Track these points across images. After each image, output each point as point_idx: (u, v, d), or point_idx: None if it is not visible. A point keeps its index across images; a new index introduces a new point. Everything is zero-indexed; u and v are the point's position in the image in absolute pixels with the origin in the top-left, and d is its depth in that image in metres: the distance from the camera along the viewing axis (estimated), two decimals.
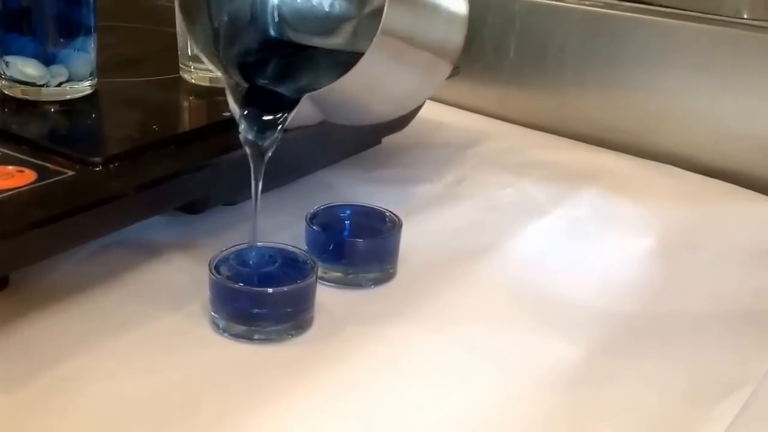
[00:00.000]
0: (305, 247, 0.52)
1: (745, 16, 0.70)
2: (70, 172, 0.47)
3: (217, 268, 0.46)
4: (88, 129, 0.56)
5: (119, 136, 0.54)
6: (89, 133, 0.55)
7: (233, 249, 0.48)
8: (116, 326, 0.46)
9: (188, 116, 0.60)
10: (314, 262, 0.48)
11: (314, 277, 0.47)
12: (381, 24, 0.47)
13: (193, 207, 0.54)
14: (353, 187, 0.64)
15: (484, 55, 0.79)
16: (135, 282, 0.50)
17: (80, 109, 0.56)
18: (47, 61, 0.55)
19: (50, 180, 0.46)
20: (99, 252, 0.52)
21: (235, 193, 0.57)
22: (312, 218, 0.53)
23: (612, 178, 0.69)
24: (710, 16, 0.70)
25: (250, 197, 0.55)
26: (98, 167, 0.48)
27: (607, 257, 0.57)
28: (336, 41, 0.60)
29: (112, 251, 0.52)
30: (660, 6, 0.72)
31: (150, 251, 0.53)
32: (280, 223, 0.57)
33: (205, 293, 0.47)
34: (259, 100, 0.50)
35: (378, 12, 0.47)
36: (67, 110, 0.55)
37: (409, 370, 0.45)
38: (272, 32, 0.60)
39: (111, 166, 0.48)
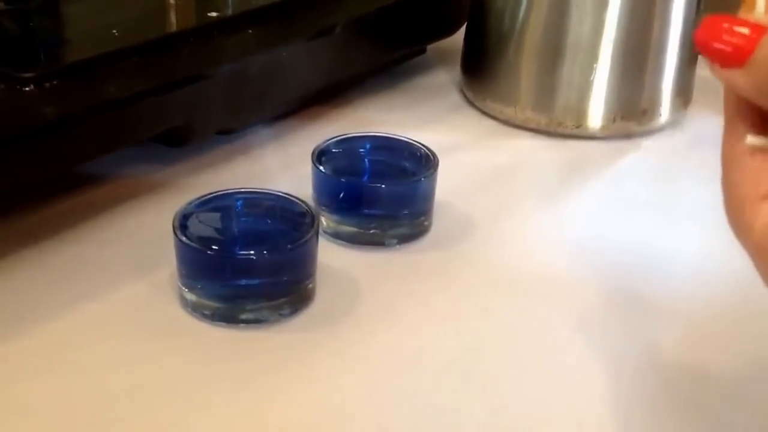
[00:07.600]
0: (312, 193, 0.40)
1: None
2: None
3: (184, 226, 0.35)
4: (27, 37, 0.44)
5: (66, 45, 0.44)
6: (26, 42, 0.43)
7: (208, 198, 0.37)
8: (56, 302, 0.36)
9: (164, 17, 0.48)
10: (314, 215, 0.36)
11: (314, 235, 0.35)
12: None
13: (173, 137, 0.44)
14: (381, 112, 0.52)
15: None
16: (84, 242, 0.40)
17: (25, 10, 0.45)
18: None
19: None
20: (36, 199, 0.41)
21: (228, 119, 0.46)
22: (320, 155, 0.41)
23: None
24: None
25: (249, 124, 0.44)
26: (29, 86, 0.37)
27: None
28: None
29: (55, 199, 0.42)
30: None
31: (107, 198, 0.42)
32: (284, 161, 0.47)
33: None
34: None
35: None
36: (8, 11, 0.44)
37: (437, 365, 0.33)
38: None
39: (47, 84, 0.37)
